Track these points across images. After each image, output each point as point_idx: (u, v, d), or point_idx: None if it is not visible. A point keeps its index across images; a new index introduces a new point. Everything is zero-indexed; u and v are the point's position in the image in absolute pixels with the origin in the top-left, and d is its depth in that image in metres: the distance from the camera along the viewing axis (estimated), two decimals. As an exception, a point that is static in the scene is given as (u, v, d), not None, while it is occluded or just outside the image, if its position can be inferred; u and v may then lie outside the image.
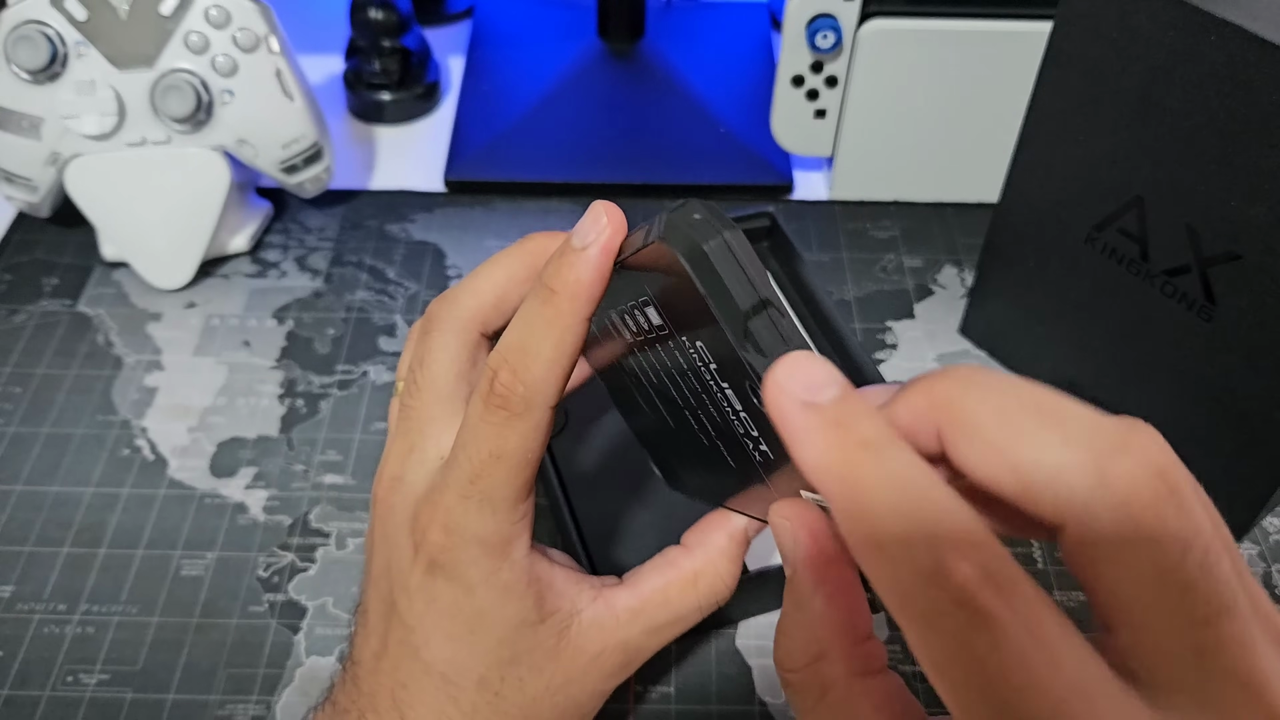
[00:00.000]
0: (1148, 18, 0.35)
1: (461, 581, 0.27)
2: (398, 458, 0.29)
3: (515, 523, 0.27)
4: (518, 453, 0.25)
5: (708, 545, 0.29)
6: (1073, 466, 0.16)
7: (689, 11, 0.68)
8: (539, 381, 0.25)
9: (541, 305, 0.24)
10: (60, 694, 0.37)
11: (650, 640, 0.29)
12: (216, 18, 0.47)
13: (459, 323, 0.29)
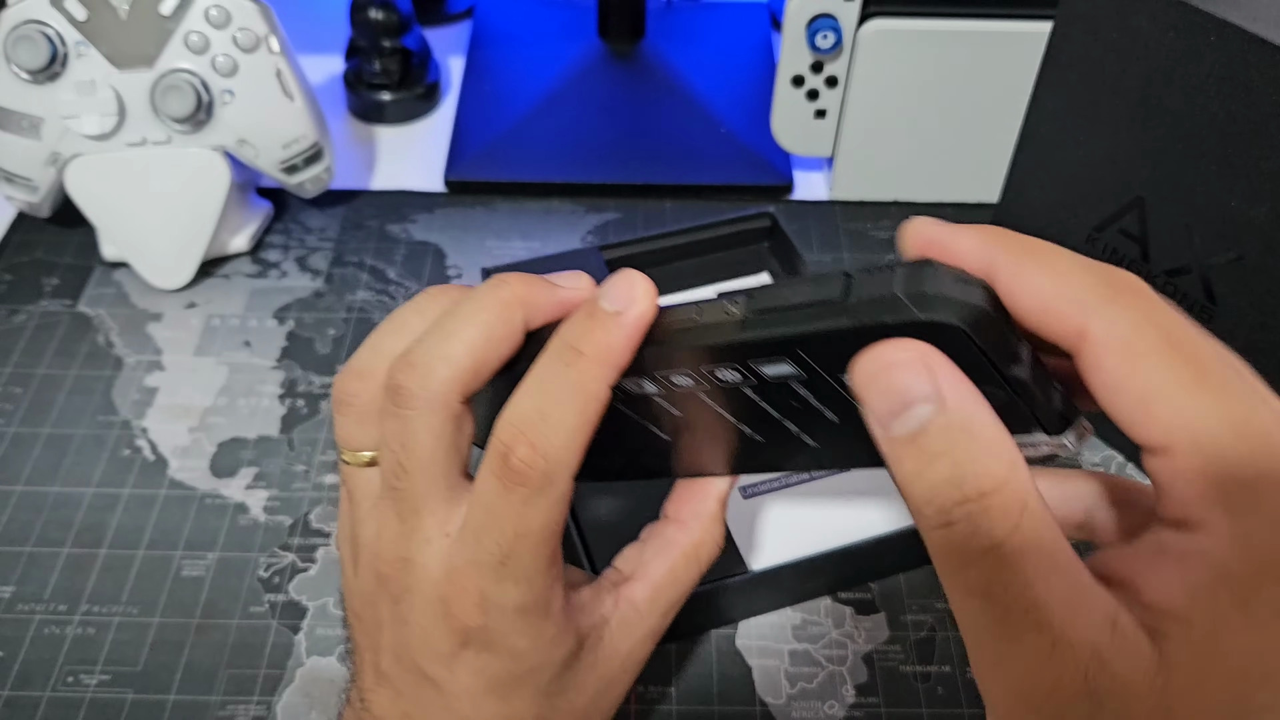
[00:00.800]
0: (1148, 18, 0.35)
1: (508, 651, 0.26)
2: (399, 539, 0.26)
3: (551, 585, 0.25)
4: (544, 529, 0.24)
5: (701, 514, 0.29)
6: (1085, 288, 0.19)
7: (689, 12, 0.68)
8: (561, 452, 0.23)
9: (565, 368, 0.23)
10: (61, 695, 0.37)
11: (668, 619, 0.29)
12: (216, 18, 0.47)
13: (438, 399, 0.25)
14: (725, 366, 0.22)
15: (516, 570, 0.24)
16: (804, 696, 0.38)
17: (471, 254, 0.54)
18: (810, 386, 0.22)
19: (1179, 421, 0.18)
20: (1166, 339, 0.18)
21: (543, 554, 0.25)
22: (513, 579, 0.25)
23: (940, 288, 0.19)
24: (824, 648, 0.39)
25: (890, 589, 0.41)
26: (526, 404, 0.23)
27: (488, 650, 0.26)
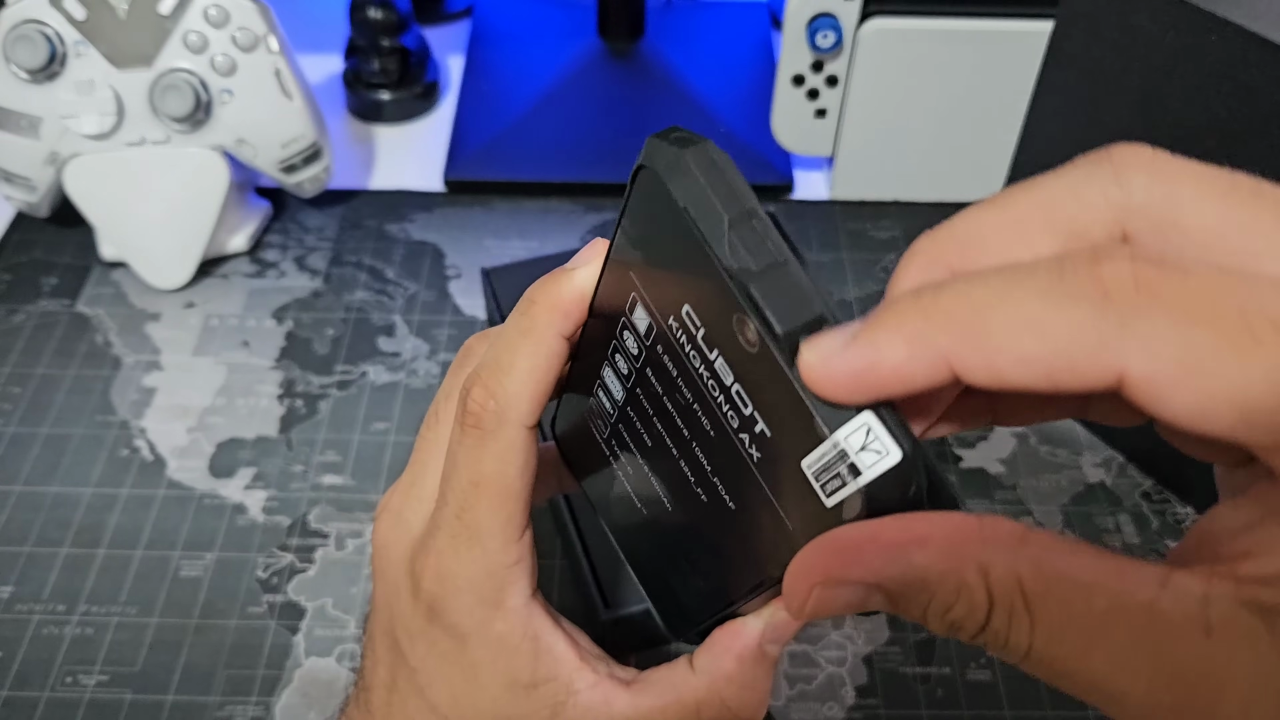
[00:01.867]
0: (1149, 17, 0.35)
1: (456, 632, 0.25)
2: (402, 491, 0.27)
3: (509, 566, 0.25)
4: (497, 478, 0.24)
5: (713, 672, 0.26)
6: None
7: (689, 11, 0.68)
8: (512, 396, 0.24)
9: (518, 317, 0.24)
10: (59, 695, 0.37)
11: None
12: (215, 17, 0.47)
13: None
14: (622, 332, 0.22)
15: (472, 524, 0.25)
16: (803, 698, 0.38)
17: (470, 253, 0.54)
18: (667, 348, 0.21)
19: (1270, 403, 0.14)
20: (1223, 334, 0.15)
21: (498, 515, 0.25)
22: (468, 536, 0.25)
23: (665, 139, 0.19)
24: (823, 649, 0.39)
25: (890, 589, 0.41)
26: (489, 352, 0.24)
27: (441, 625, 0.26)
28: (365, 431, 0.46)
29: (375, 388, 0.48)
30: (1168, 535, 0.43)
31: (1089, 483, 0.44)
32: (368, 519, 0.43)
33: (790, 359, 0.17)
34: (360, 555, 0.42)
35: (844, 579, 0.17)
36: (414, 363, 0.49)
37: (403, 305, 0.52)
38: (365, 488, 0.44)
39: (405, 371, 0.49)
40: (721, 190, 0.18)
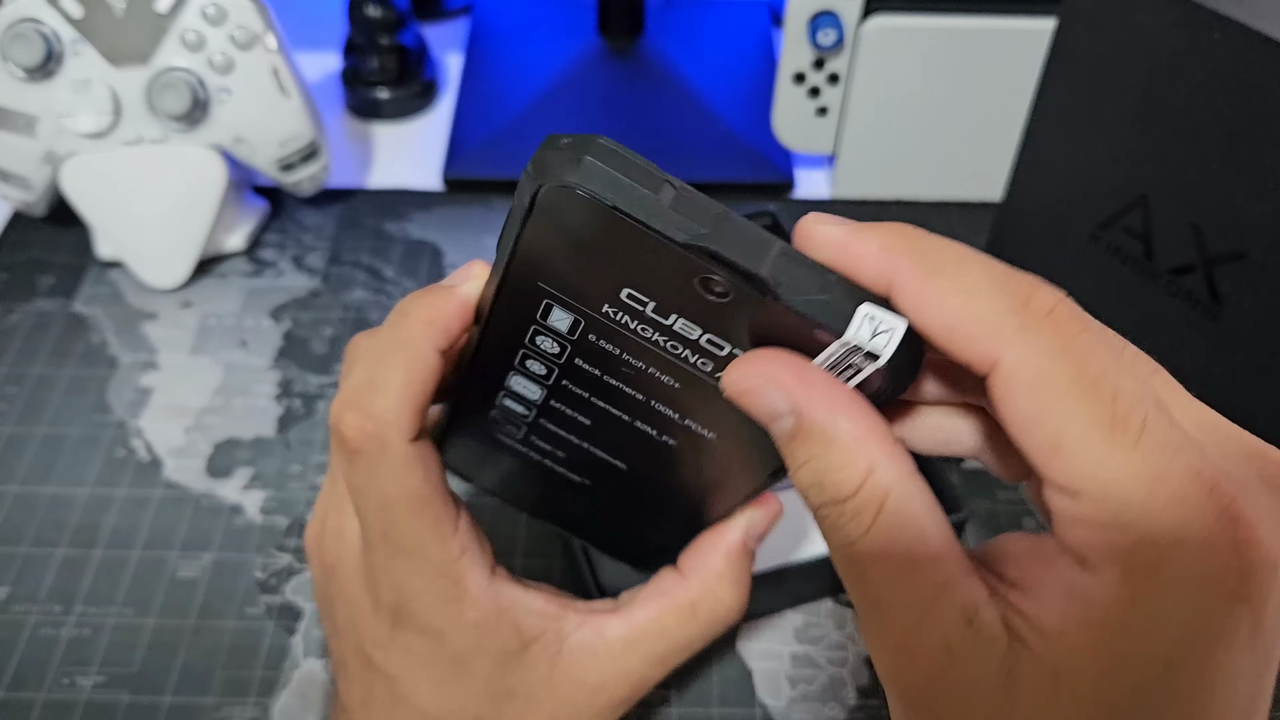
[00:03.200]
0: (1151, 15, 0.35)
1: (429, 630, 0.25)
2: (335, 509, 0.27)
3: (457, 559, 0.25)
4: (402, 495, 0.24)
5: (704, 570, 0.28)
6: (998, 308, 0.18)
7: (689, 8, 0.68)
8: (388, 413, 0.23)
9: (391, 329, 0.23)
10: (56, 696, 0.37)
11: (654, 670, 0.28)
12: (213, 15, 0.46)
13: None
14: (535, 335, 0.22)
15: (402, 543, 0.24)
16: (805, 699, 0.38)
17: (469, 252, 0.54)
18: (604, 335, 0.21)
19: (1089, 471, 0.17)
20: (1083, 376, 0.17)
21: (421, 523, 0.24)
22: (403, 553, 0.25)
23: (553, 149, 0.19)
24: (825, 650, 0.39)
25: (891, 590, 0.41)
26: (358, 372, 0.24)
27: (414, 630, 0.26)
28: (364, 431, 0.46)
29: (374, 387, 0.48)
30: (1170, 535, 0.42)
31: (1091, 483, 0.44)
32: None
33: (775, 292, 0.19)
34: (358, 556, 0.41)
35: (784, 387, 0.19)
36: (413, 362, 0.49)
37: (401, 304, 0.51)
38: (364, 488, 0.44)
39: (404, 371, 0.48)
40: (638, 175, 0.19)
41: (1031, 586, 0.18)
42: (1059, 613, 0.18)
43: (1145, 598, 0.17)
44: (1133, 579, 0.17)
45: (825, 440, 0.19)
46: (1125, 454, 0.17)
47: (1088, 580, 0.17)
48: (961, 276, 0.18)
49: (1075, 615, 0.17)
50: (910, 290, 0.18)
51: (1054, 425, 0.17)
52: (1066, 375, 0.17)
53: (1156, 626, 0.17)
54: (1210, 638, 0.17)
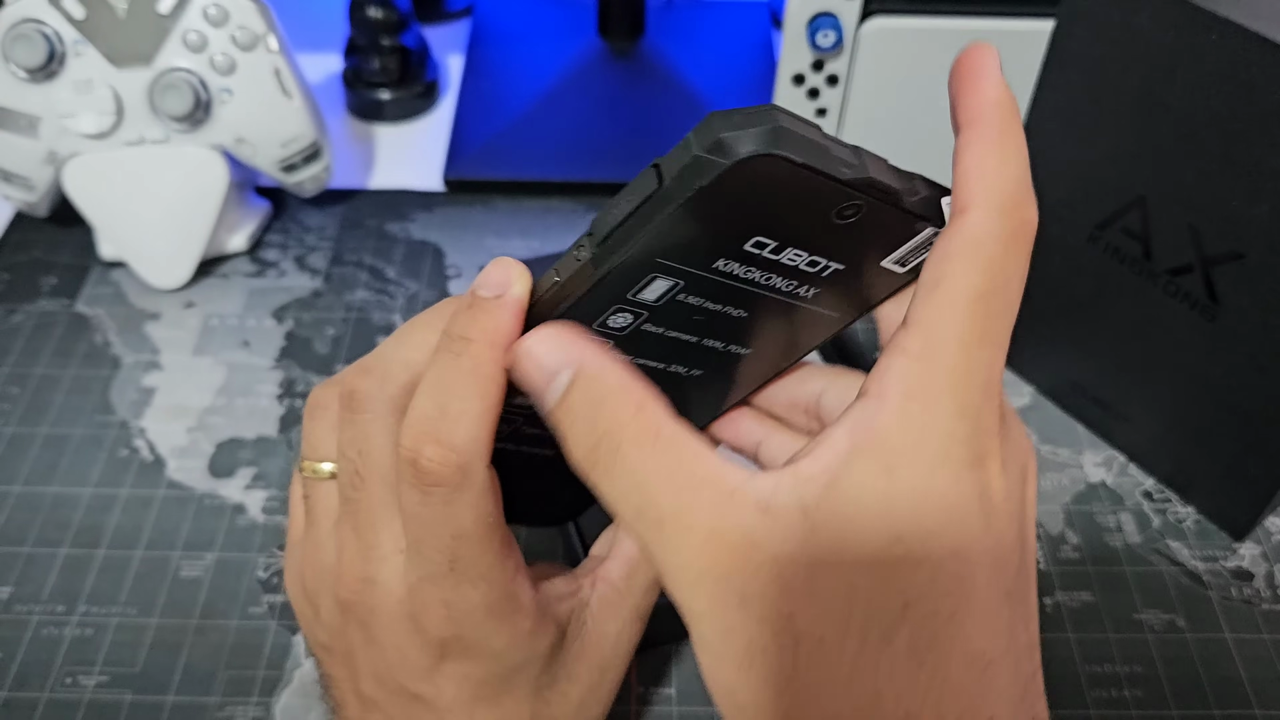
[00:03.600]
0: (1149, 16, 0.35)
1: (488, 653, 0.25)
2: (359, 557, 0.26)
3: (512, 579, 0.25)
4: (477, 525, 0.24)
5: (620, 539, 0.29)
6: None
7: (689, 10, 0.68)
8: (468, 442, 0.23)
9: (457, 358, 0.23)
10: (59, 696, 0.37)
11: (651, 596, 0.28)
12: (215, 16, 0.47)
13: (393, 401, 0.25)
14: (611, 314, 0.22)
15: (469, 572, 0.24)
16: (804, 697, 0.38)
17: (471, 253, 0.54)
18: (697, 291, 0.22)
19: (935, 317, 0.20)
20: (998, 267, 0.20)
21: (490, 549, 0.24)
22: (469, 581, 0.24)
23: (731, 129, 0.19)
24: (825, 648, 0.39)
25: (891, 589, 0.41)
26: (426, 403, 0.23)
27: (467, 657, 0.25)
28: (365, 431, 0.46)
29: (375, 387, 0.48)
30: (1169, 534, 0.43)
31: (1090, 482, 0.44)
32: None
33: (904, 203, 0.22)
34: (360, 555, 0.42)
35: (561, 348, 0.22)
36: (414, 362, 0.49)
37: (403, 305, 0.52)
38: (365, 488, 0.44)
39: (405, 371, 0.48)
40: (812, 132, 0.20)
41: (821, 449, 0.21)
42: (845, 448, 0.20)
43: (916, 418, 0.20)
44: (908, 402, 0.20)
45: (601, 380, 0.21)
46: (967, 318, 0.20)
47: (869, 407, 0.20)
48: (1011, 149, 0.21)
49: (859, 441, 0.20)
50: (977, 132, 0.22)
51: (946, 270, 0.20)
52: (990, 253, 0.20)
53: (922, 443, 0.20)
54: (957, 468, 0.20)
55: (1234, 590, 0.41)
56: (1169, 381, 0.41)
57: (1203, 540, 0.42)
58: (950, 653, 0.19)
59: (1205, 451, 0.41)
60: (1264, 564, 0.42)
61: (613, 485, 0.21)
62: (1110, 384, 0.44)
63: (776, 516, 0.20)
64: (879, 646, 0.19)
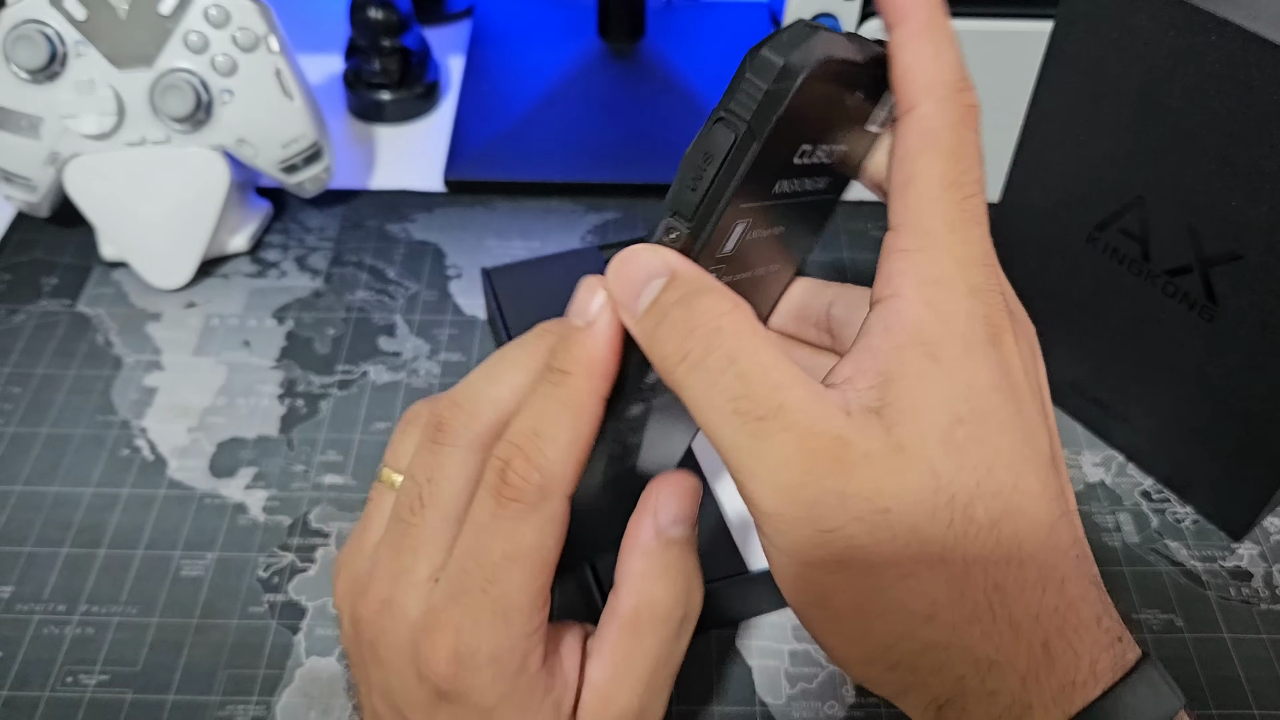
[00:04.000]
0: (1148, 17, 0.35)
1: (477, 706, 0.24)
2: (388, 577, 0.25)
3: (530, 634, 0.24)
4: (534, 552, 0.23)
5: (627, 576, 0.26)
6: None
7: (689, 11, 0.68)
8: (556, 466, 0.23)
9: (554, 388, 0.23)
10: (60, 695, 0.37)
11: (648, 694, 0.26)
12: (216, 17, 0.47)
13: (478, 438, 0.25)
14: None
15: (498, 600, 0.23)
16: (804, 696, 0.38)
17: (471, 253, 0.54)
18: (758, 225, 0.23)
19: (919, 210, 0.22)
20: (956, 147, 0.22)
21: (529, 587, 0.23)
22: (491, 611, 0.23)
23: (784, 52, 0.21)
24: (824, 648, 0.39)
25: (890, 589, 0.41)
26: (523, 424, 0.23)
27: (458, 703, 0.24)
28: (366, 431, 0.46)
29: (376, 387, 0.48)
30: (1167, 534, 0.43)
31: (1089, 481, 0.45)
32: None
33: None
34: (361, 555, 0.42)
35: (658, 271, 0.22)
36: (415, 362, 0.49)
37: (404, 305, 0.52)
38: (366, 487, 0.44)
39: (406, 371, 0.49)
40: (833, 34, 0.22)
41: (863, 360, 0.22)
42: (888, 347, 0.21)
43: (939, 305, 0.21)
44: (927, 292, 0.22)
45: (698, 283, 0.22)
46: (947, 204, 0.22)
47: (896, 305, 0.22)
48: (943, 40, 0.23)
49: (897, 338, 0.21)
50: (910, 28, 0.23)
51: (915, 167, 0.22)
52: (949, 140, 0.22)
53: (949, 324, 0.21)
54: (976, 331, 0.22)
55: (1232, 590, 0.41)
56: (1167, 382, 0.41)
57: (1201, 540, 0.43)
58: (1019, 519, 0.21)
59: (1204, 451, 0.41)
60: (1262, 564, 0.42)
61: (707, 379, 0.21)
62: (1109, 384, 0.44)
63: (857, 418, 0.21)
64: (964, 525, 0.20)
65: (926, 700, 0.21)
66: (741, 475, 0.21)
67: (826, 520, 0.20)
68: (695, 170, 0.21)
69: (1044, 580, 0.21)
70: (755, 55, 0.21)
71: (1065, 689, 0.20)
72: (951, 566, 0.20)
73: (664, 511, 0.25)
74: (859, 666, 0.22)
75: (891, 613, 0.20)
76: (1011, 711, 0.20)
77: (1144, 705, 0.20)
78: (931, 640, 0.20)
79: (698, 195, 0.21)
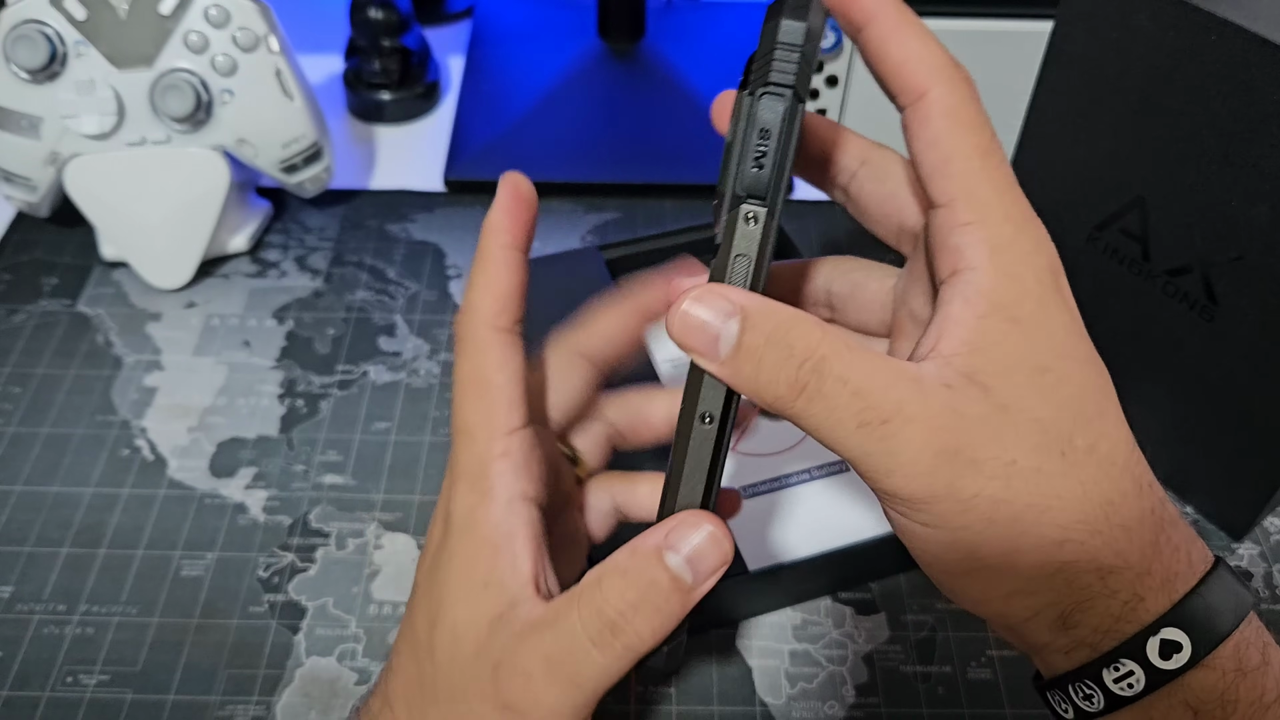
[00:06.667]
0: (1148, 18, 0.35)
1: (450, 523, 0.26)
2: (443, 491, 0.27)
3: (496, 458, 0.26)
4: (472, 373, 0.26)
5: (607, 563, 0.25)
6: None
7: (689, 11, 0.68)
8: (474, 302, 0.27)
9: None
10: (60, 695, 0.37)
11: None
12: (216, 17, 0.47)
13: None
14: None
15: (461, 423, 0.26)
16: (804, 696, 0.38)
17: (471, 253, 0.54)
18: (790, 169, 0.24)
19: (963, 183, 0.23)
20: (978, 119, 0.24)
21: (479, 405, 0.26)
22: (461, 434, 0.26)
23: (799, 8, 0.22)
24: (824, 648, 0.39)
25: (890, 589, 0.41)
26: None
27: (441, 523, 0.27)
28: (366, 431, 0.46)
29: (376, 387, 0.48)
30: (1168, 535, 0.43)
31: (1089, 482, 0.45)
32: (369, 518, 0.43)
33: None
34: (361, 555, 0.42)
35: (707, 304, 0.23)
36: (415, 362, 0.49)
37: (404, 305, 0.52)
38: (366, 487, 0.44)
39: (406, 371, 0.49)
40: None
41: (945, 331, 0.23)
42: (970, 319, 0.23)
43: (1009, 269, 0.23)
44: (997, 259, 0.23)
45: (777, 318, 0.22)
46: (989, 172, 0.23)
47: (971, 278, 0.23)
48: (921, 28, 0.24)
49: (977, 309, 0.23)
50: (886, 24, 0.24)
51: (949, 145, 0.23)
52: (969, 114, 0.24)
53: (1023, 285, 0.23)
54: (1046, 285, 0.23)
55: (1233, 590, 0.41)
56: (1168, 381, 0.41)
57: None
58: (1108, 439, 0.23)
59: (1204, 451, 0.41)
60: (1262, 564, 0.42)
61: (826, 404, 0.22)
62: (1109, 384, 0.44)
63: (958, 389, 0.22)
64: (1073, 454, 0.22)
65: (1055, 615, 0.23)
66: (876, 475, 0.22)
67: (967, 488, 0.22)
68: (754, 149, 0.22)
69: (1139, 485, 0.23)
70: (779, 23, 0.21)
71: (1169, 580, 0.23)
72: (1071, 491, 0.22)
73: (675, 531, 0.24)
74: (998, 603, 0.23)
75: (1035, 547, 0.22)
76: (1128, 606, 0.22)
77: (1226, 599, 0.23)
78: (1066, 560, 0.22)
79: (767, 172, 0.22)
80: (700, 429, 0.24)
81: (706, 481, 0.24)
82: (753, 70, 0.23)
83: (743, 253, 0.23)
